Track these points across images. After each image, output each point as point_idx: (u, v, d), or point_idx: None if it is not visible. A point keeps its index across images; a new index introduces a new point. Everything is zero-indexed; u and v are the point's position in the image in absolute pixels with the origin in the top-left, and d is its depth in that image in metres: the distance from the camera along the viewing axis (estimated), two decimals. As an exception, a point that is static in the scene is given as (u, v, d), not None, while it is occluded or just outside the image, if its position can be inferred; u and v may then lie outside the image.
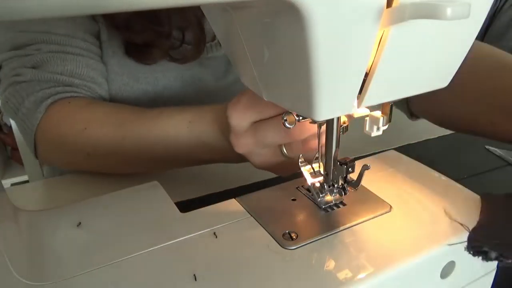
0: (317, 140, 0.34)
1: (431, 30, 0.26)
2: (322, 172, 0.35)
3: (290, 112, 0.32)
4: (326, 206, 0.34)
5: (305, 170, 0.36)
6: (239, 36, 0.28)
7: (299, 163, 0.37)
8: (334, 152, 0.33)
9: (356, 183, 0.33)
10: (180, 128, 0.46)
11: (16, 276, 0.27)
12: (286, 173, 0.43)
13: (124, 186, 0.38)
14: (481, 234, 0.31)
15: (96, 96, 0.57)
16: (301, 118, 0.32)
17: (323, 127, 0.34)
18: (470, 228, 0.32)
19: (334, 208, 0.34)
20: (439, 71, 0.30)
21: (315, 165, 0.37)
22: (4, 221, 0.30)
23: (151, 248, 0.30)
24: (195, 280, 0.27)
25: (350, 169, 0.33)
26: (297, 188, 0.37)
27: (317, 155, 0.35)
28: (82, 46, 0.56)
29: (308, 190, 0.36)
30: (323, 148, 0.34)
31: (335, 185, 0.34)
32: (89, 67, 0.56)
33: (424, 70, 0.29)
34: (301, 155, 0.37)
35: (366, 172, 0.33)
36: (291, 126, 0.33)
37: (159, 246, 0.30)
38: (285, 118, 0.33)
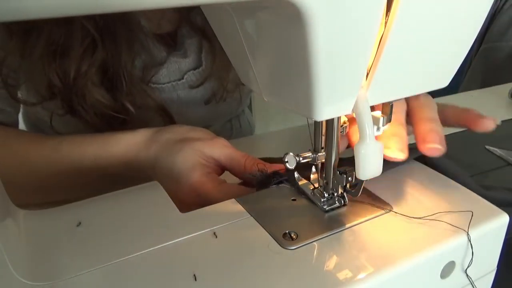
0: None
1: (431, 30, 0.26)
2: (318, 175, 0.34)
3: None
4: (329, 208, 0.34)
5: (303, 184, 0.36)
6: (239, 36, 0.28)
7: (296, 178, 0.37)
8: (334, 161, 0.33)
9: (355, 193, 0.33)
10: (84, 160, 0.47)
11: (16, 276, 0.27)
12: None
13: (124, 186, 0.38)
14: None
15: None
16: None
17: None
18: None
19: (334, 208, 0.34)
20: (439, 71, 0.30)
21: (313, 176, 0.36)
22: (4, 221, 0.30)
23: (151, 248, 0.30)
24: (195, 280, 0.27)
25: (349, 178, 0.33)
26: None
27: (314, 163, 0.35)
28: None
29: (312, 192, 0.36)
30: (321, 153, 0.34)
31: (335, 194, 0.34)
32: None
33: (424, 70, 0.29)
34: (296, 173, 0.37)
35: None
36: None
37: (159, 246, 0.30)
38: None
